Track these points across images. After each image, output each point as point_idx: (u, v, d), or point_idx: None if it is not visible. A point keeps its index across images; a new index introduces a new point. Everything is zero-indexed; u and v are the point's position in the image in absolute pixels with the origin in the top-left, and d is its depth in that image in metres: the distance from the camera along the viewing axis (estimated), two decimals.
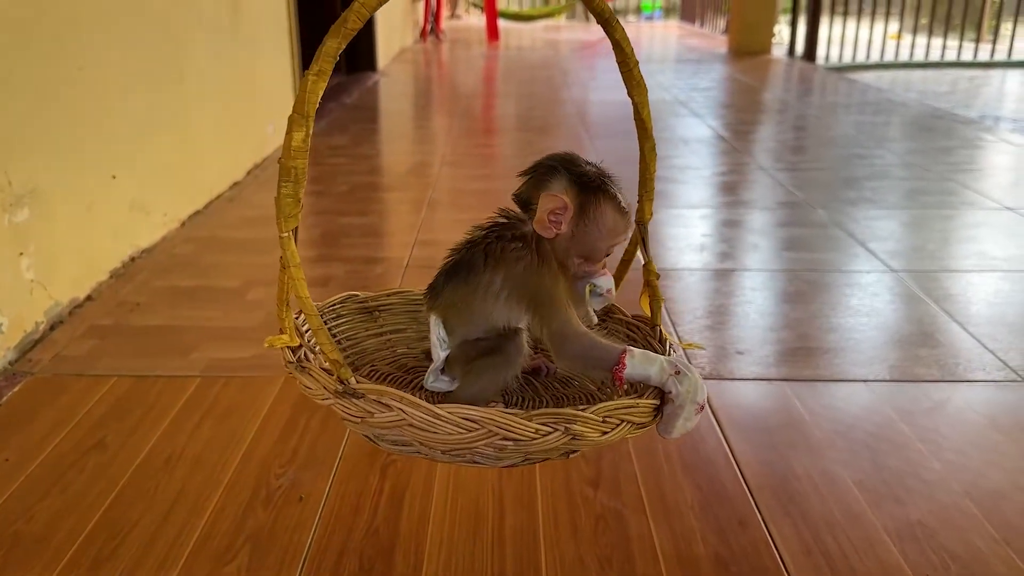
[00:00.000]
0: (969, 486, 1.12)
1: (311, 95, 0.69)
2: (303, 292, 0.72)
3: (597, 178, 0.83)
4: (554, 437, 0.70)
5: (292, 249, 0.72)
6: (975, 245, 2.10)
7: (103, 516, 1.04)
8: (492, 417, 0.69)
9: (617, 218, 0.84)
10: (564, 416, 0.70)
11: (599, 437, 0.71)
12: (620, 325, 0.94)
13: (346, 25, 0.68)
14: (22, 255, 1.49)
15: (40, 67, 1.56)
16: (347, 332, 0.99)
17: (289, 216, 0.72)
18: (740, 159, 3.12)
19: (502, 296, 0.83)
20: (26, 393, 1.35)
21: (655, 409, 0.75)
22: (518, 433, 0.69)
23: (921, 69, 6.59)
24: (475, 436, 0.70)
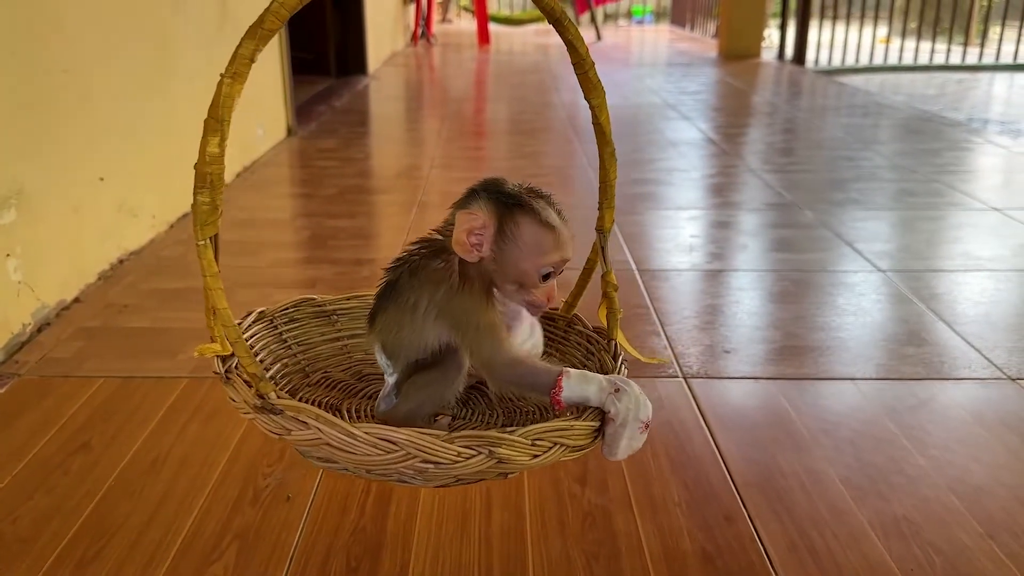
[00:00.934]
0: (953, 481, 1.12)
1: (225, 99, 0.67)
2: (220, 303, 0.70)
3: (516, 195, 0.79)
4: (477, 461, 0.67)
5: (209, 258, 0.69)
6: (961, 245, 2.12)
7: (89, 517, 1.04)
8: (412, 439, 0.66)
9: (540, 233, 0.78)
10: (488, 439, 0.67)
11: (529, 461, 0.68)
12: (580, 338, 0.92)
13: (262, 27, 0.66)
14: (9, 257, 1.49)
15: (26, 68, 1.56)
16: (300, 337, 0.96)
17: (206, 224, 0.69)
18: (729, 161, 3.13)
19: (428, 318, 0.81)
20: (12, 395, 1.34)
21: (595, 431, 0.72)
22: (438, 456, 0.67)
23: (910, 72, 6.62)
24: (394, 458, 0.67)
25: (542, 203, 0.79)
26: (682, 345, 1.54)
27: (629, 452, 0.74)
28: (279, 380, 0.92)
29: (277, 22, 0.66)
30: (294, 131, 3.45)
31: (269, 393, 0.72)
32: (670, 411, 1.31)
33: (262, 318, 0.93)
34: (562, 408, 0.76)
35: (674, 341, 1.56)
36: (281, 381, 0.92)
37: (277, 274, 1.90)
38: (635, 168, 2.99)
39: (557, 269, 0.81)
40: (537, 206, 0.78)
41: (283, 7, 0.66)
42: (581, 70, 0.78)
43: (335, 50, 5.34)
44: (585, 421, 0.72)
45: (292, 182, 2.79)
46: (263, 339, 0.92)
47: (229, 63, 0.66)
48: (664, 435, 1.23)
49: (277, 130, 3.28)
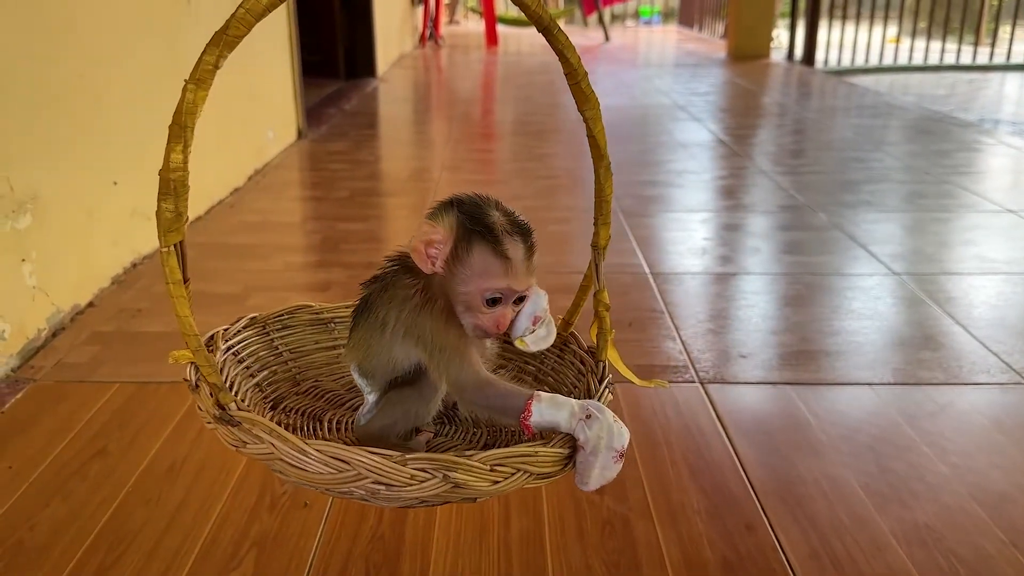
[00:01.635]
0: (975, 489, 1.12)
1: (189, 105, 0.65)
2: (182, 310, 0.69)
3: (484, 222, 0.76)
4: (431, 484, 0.64)
5: (172, 265, 0.68)
6: (975, 248, 2.10)
7: (106, 524, 1.04)
8: (363, 459, 0.64)
9: (490, 260, 0.76)
10: (444, 463, 0.64)
11: (488, 487, 0.65)
12: (574, 358, 0.88)
13: (227, 33, 0.65)
14: (24, 261, 1.49)
15: (41, 74, 1.56)
16: (293, 344, 0.95)
17: (169, 231, 0.68)
18: (740, 163, 3.12)
19: (396, 336, 0.79)
20: (28, 400, 1.34)
21: (564, 458, 0.69)
22: (390, 478, 0.64)
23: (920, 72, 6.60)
24: (344, 477, 0.64)
25: (511, 238, 0.76)
26: (697, 350, 1.53)
27: (601, 482, 0.70)
28: (265, 387, 0.90)
29: (243, 28, 0.65)
30: (304, 134, 3.45)
31: (229, 404, 0.71)
32: (687, 416, 1.30)
33: (253, 324, 0.91)
34: (531, 434, 0.73)
35: (689, 345, 1.55)
36: (267, 389, 0.90)
37: (290, 278, 1.90)
38: (645, 170, 2.98)
39: (506, 298, 0.78)
40: (501, 237, 0.76)
41: (249, 13, 0.65)
42: (573, 80, 0.74)
43: (344, 53, 5.35)
44: (552, 448, 0.69)
45: (303, 185, 2.79)
46: (252, 345, 0.90)
47: (193, 70, 0.65)
48: (682, 441, 1.22)
49: (287, 133, 3.28)
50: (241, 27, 0.64)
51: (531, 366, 0.93)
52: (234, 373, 0.86)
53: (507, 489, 0.66)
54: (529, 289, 0.80)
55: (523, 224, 0.79)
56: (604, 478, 0.70)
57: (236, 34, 0.64)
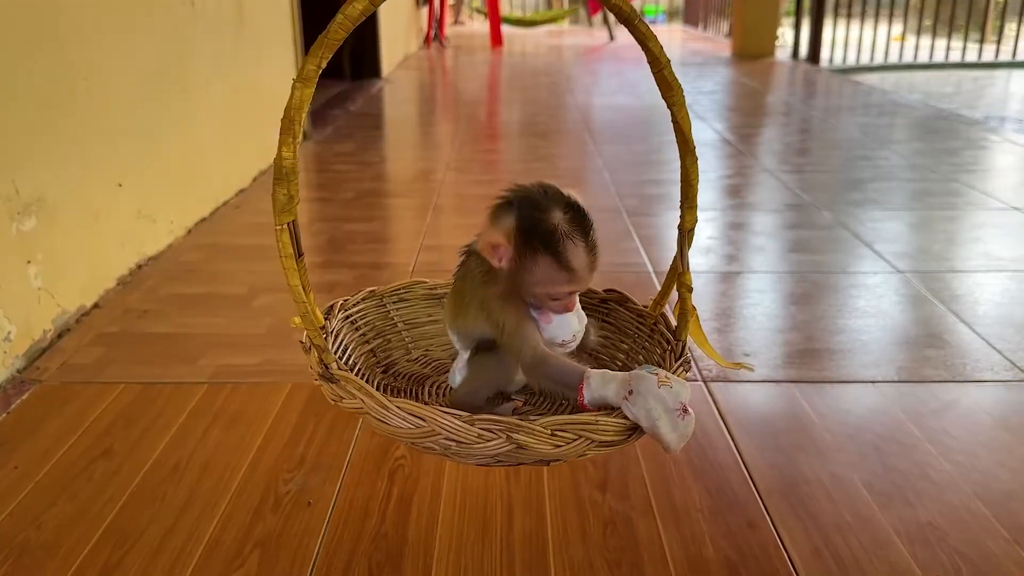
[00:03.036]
0: (979, 487, 1.11)
1: (296, 102, 0.72)
2: (293, 280, 0.77)
3: (544, 231, 0.79)
4: (496, 444, 0.70)
5: (284, 240, 0.76)
6: (981, 245, 2.10)
7: (111, 524, 1.04)
8: (436, 417, 0.71)
9: (554, 272, 0.80)
10: (508, 424, 0.70)
11: (551, 450, 0.70)
12: (661, 339, 0.93)
13: (328, 37, 0.70)
14: (30, 263, 1.50)
15: (46, 76, 1.57)
16: (407, 316, 1.04)
17: (283, 211, 0.75)
18: (745, 162, 3.12)
19: (471, 310, 0.87)
20: (34, 401, 1.35)
21: (628, 428, 0.73)
22: (460, 435, 0.70)
23: (925, 70, 6.58)
24: (422, 432, 0.71)
25: (573, 243, 0.80)
26: None
27: (682, 441, 0.73)
28: (379, 353, 1.01)
29: (342, 32, 0.70)
30: (310, 135, 3.45)
31: (331, 363, 0.79)
32: None
33: (372, 296, 1.02)
34: (586, 409, 0.77)
35: (693, 344, 1.54)
36: (380, 354, 1.01)
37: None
38: (651, 169, 2.98)
39: (570, 295, 0.83)
40: (562, 248, 0.79)
41: (347, 19, 0.70)
42: (656, 69, 0.76)
43: (349, 54, 5.35)
44: (614, 418, 0.73)
45: (309, 186, 2.80)
46: (369, 315, 1.01)
47: (299, 71, 0.71)
48: None
49: None
50: (341, 31, 0.70)
51: (625, 344, 0.98)
52: (349, 339, 0.96)
53: (571, 454, 0.71)
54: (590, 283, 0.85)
55: (584, 220, 0.81)
56: (682, 437, 0.73)
57: (336, 38, 0.70)
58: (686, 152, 0.79)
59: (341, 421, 1.27)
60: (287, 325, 1.63)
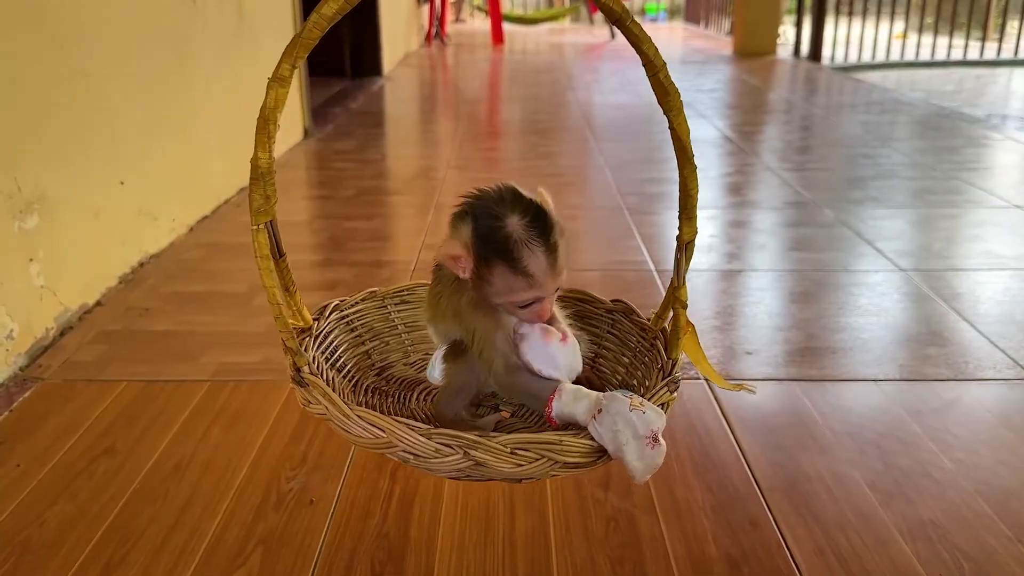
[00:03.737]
0: (981, 485, 1.11)
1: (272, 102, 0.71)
2: (268, 281, 0.75)
3: (498, 239, 0.77)
4: (454, 459, 0.68)
5: (260, 241, 0.75)
6: (983, 243, 2.10)
7: (113, 522, 1.04)
8: (395, 429, 0.69)
9: (512, 280, 0.77)
10: (466, 440, 0.68)
11: (512, 469, 0.67)
12: (656, 354, 0.89)
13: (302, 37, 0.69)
14: (32, 261, 1.50)
15: (47, 73, 1.57)
16: (409, 319, 1.04)
17: (258, 212, 0.75)
18: (746, 160, 3.12)
19: (447, 313, 0.86)
20: (36, 399, 1.35)
21: (595, 450, 0.70)
22: (417, 449, 0.68)
23: (927, 68, 6.57)
24: (380, 443, 0.70)
25: (529, 249, 0.76)
26: (703, 346, 1.53)
27: (647, 472, 0.69)
28: (373, 355, 1.00)
29: (317, 31, 0.69)
30: (311, 133, 3.45)
31: (303, 366, 0.78)
32: (693, 414, 1.30)
33: (373, 297, 1.02)
34: (555, 425, 0.75)
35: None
36: (375, 356, 1.01)
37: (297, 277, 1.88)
38: (651, 167, 2.98)
39: (537, 299, 0.80)
40: (517, 255, 0.76)
41: (322, 18, 0.68)
42: (651, 72, 0.71)
43: (350, 52, 5.35)
44: (579, 439, 0.69)
45: (309, 184, 2.80)
46: (368, 316, 1.01)
47: (275, 70, 0.70)
48: (687, 438, 1.22)
49: (294, 132, 3.29)
50: (315, 30, 0.68)
51: (626, 358, 0.95)
52: (342, 340, 0.96)
53: (533, 474, 0.68)
54: (556, 289, 0.81)
55: (544, 223, 0.78)
56: (648, 468, 0.69)
57: (311, 37, 0.69)
58: (684, 161, 0.74)
59: None
60: None
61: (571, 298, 0.99)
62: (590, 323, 0.98)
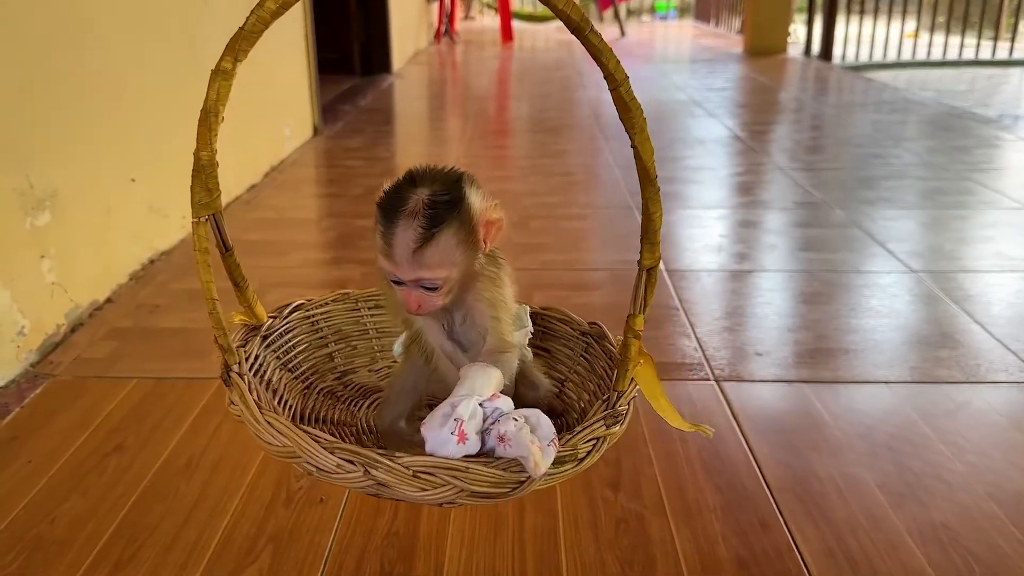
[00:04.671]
0: (992, 488, 1.11)
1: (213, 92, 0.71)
2: (204, 276, 0.72)
3: (385, 202, 0.75)
4: (356, 477, 0.63)
5: (200, 235, 0.72)
6: (994, 245, 2.09)
7: (124, 519, 1.05)
8: (300, 439, 0.65)
9: (379, 242, 0.74)
10: (367, 458, 0.63)
11: (415, 492, 0.62)
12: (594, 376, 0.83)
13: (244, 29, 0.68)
14: (43, 258, 1.50)
15: (59, 72, 1.57)
16: (382, 324, 1.00)
17: (199, 204, 0.73)
18: (757, 159, 3.11)
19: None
20: (47, 395, 1.36)
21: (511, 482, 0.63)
22: (318, 462, 0.64)
23: (938, 68, 6.54)
24: (286, 451, 0.66)
25: (405, 217, 0.72)
26: (713, 347, 1.53)
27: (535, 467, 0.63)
28: (336, 357, 0.96)
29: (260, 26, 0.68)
30: (320, 131, 3.46)
31: (232, 365, 0.76)
32: (702, 414, 1.30)
33: (346, 299, 0.98)
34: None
35: (704, 343, 1.54)
36: (339, 358, 0.96)
37: (307, 274, 1.90)
38: (661, 166, 2.97)
39: (401, 280, 0.74)
40: (388, 219, 0.73)
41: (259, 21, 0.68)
42: (612, 86, 0.64)
43: (359, 49, 5.36)
44: (491, 468, 0.63)
45: (319, 182, 2.80)
46: (337, 318, 0.97)
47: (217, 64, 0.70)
48: (697, 439, 1.22)
49: (304, 130, 3.29)
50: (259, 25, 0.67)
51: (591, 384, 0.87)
52: (302, 339, 0.93)
53: (439, 499, 0.63)
54: (425, 279, 0.73)
55: (437, 211, 0.72)
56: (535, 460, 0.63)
57: (254, 31, 0.67)
58: (647, 183, 0.67)
59: None
60: None
61: (551, 317, 0.93)
62: (566, 344, 0.91)
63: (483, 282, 0.77)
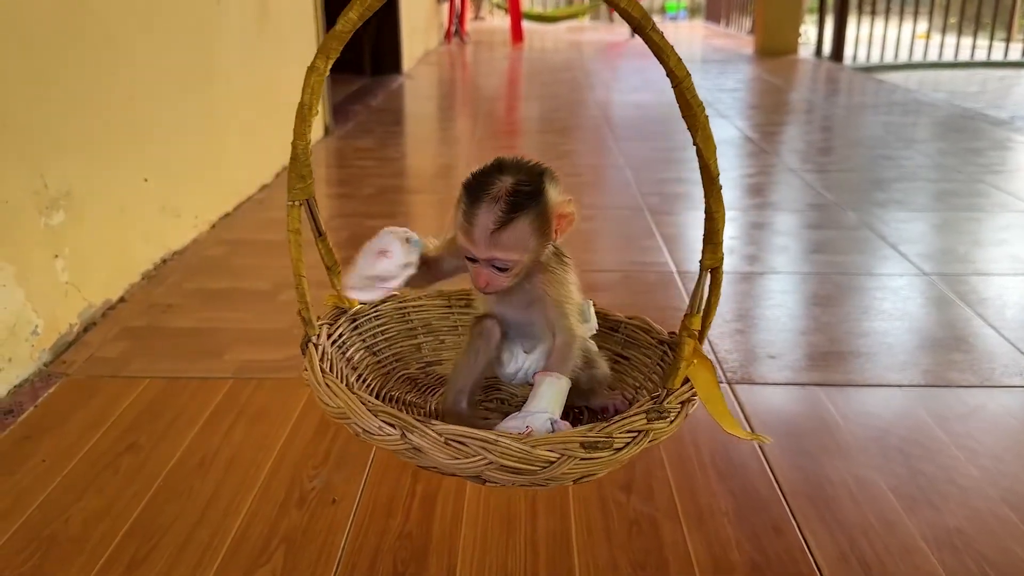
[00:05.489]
0: (1006, 492, 1.10)
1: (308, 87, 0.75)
2: (294, 253, 0.78)
3: (471, 183, 0.79)
4: (393, 439, 0.67)
5: (292, 216, 0.78)
6: (1008, 248, 2.08)
7: (138, 518, 1.05)
8: (351, 402, 0.70)
9: (459, 219, 0.79)
10: (405, 422, 0.67)
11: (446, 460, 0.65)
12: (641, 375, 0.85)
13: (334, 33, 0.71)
14: (57, 257, 1.51)
15: (74, 73, 1.58)
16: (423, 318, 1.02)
17: (292, 189, 0.78)
18: (768, 160, 3.10)
19: None
20: (61, 394, 1.36)
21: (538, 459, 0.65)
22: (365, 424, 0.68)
23: (950, 69, 6.51)
24: (339, 412, 0.71)
25: (489, 200, 0.76)
26: (724, 350, 1.53)
27: None
28: (425, 348, 0.99)
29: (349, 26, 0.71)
30: (331, 131, 3.46)
31: (312, 336, 0.82)
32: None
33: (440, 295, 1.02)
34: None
35: (716, 345, 1.54)
36: (427, 351, 0.99)
37: (319, 275, 1.90)
38: (672, 167, 2.97)
39: (475, 258, 0.79)
40: (472, 199, 0.77)
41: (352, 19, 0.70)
42: (674, 83, 0.65)
43: (370, 49, 5.37)
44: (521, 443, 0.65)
45: (330, 182, 2.81)
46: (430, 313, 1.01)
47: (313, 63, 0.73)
48: (709, 442, 1.22)
49: (315, 129, 3.29)
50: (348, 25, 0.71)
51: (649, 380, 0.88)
52: (392, 327, 0.98)
53: (469, 469, 0.65)
54: (498, 259, 0.77)
55: (519, 197, 0.76)
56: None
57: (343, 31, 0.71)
58: (708, 182, 0.67)
59: None
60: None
61: (632, 325, 0.92)
62: (644, 353, 0.91)
63: (547, 276, 0.83)
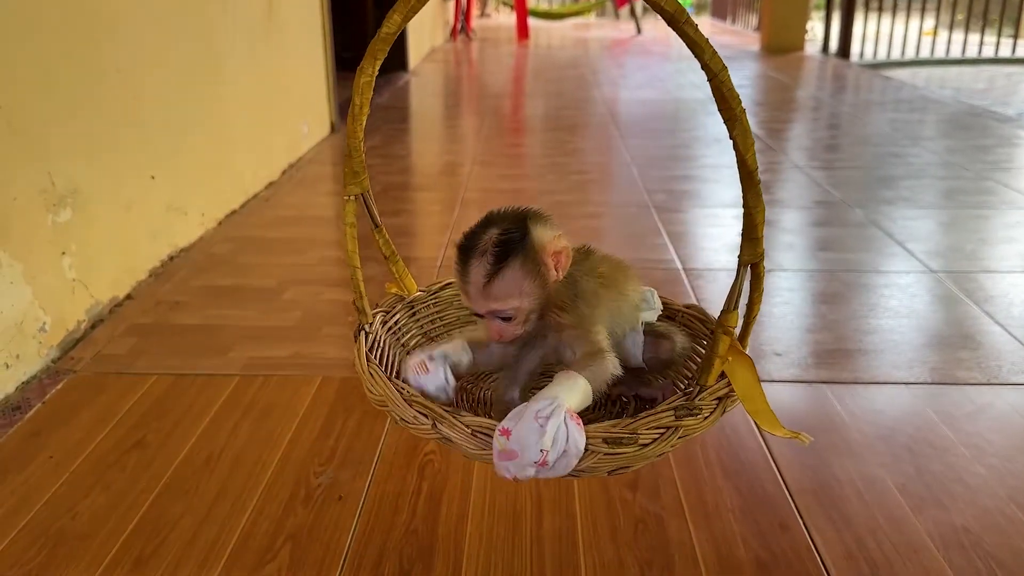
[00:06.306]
0: (1015, 491, 1.10)
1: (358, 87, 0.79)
2: (350, 246, 0.85)
3: (462, 242, 0.80)
4: (426, 428, 0.71)
5: (347, 210, 0.85)
6: (1016, 245, 2.07)
7: (145, 514, 1.05)
8: (388, 390, 0.74)
9: (457, 279, 0.80)
10: (437, 413, 0.70)
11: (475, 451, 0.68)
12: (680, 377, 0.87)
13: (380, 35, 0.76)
14: (64, 254, 1.51)
15: (81, 71, 1.58)
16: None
17: (348, 184, 0.84)
18: (774, 157, 3.10)
19: None
20: (68, 391, 1.37)
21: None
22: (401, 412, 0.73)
23: (957, 66, 6.49)
24: (381, 399, 0.75)
25: (476, 256, 0.77)
26: None
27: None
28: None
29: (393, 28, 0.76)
30: (338, 128, 3.47)
31: (365, 324, 0.87)
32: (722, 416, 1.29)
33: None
34: None
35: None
36: None
37: (325, 272, 1.91)
38: (679, 164, 2.97)
39: (479, 313, 0.80)
40: (462, 259, 0.78)
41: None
42: (709, 76, 0.64)
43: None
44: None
45: (336, 179, 2.81)
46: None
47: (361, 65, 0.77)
48: (716, 440, 1.22)
49: (321, 127, 3.30)
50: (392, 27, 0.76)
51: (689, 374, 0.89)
52: (449, 314, 1.02)
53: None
54: (497, 311, 0.78)
55: (505, 249, 0.76)
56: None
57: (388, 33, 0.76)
58: (746, 177, 0.66)
59: (371, 415, 1.28)
60: (317, 318, 1.64)
61: (689, 315, 0.93)
62: (699, 342, 0.91)
63: (558, 310, 0.81)
